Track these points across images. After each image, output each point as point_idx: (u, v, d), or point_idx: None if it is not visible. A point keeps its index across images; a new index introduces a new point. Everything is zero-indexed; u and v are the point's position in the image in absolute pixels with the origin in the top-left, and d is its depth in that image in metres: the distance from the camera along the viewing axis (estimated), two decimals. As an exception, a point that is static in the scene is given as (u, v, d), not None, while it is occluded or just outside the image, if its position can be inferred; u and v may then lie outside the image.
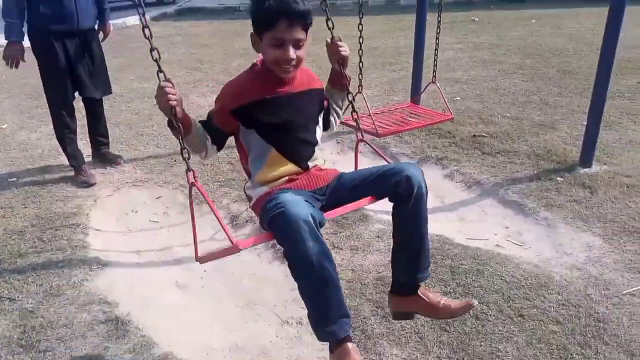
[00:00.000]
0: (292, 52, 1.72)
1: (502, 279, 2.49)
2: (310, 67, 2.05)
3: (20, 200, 3.47)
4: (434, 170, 3.77)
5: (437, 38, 3.47)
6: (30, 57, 3.59)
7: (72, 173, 3.80)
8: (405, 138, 4.19)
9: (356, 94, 3.22)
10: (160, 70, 1.61)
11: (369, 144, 2.10)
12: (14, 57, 3.47)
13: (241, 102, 1.77)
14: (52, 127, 4.46)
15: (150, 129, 4.64)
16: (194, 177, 1.65)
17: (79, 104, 3.88)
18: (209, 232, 3.21)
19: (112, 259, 2.91)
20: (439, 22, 3.42)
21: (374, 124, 3.09)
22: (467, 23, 8.98)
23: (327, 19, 1.96)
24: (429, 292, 1.88)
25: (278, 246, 2.30)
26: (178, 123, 1.61)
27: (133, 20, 9.57)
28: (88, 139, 4.11)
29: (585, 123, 4.29)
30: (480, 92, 5.30)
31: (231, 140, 1.87)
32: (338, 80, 2.00)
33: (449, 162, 3.79)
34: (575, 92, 5.20)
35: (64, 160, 4.01)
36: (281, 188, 1.80)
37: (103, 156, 4.01)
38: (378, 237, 2.90)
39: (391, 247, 1.93)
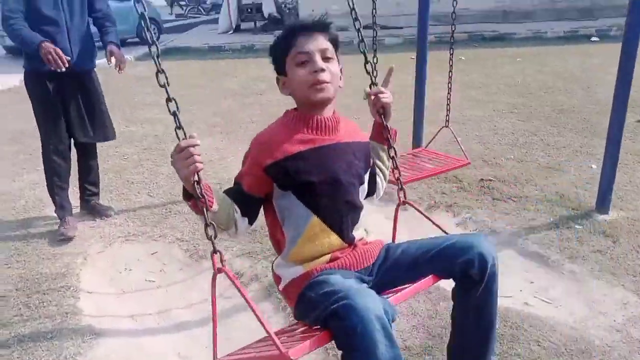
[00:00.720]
0: (320, 62, 1.52)
1: (539, 345, 2.30)
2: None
3: (2, 259, 3.19)
4: (444, 217, 3.59)
5: (449, 78, 3.38)
6: (7, 100, 3.36)
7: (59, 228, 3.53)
8: (410, 183, 4.03)
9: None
10: (179, 127, 1.31)
11: (414, 207, 1.83)
12: (52, 50, 3.08)
13: (276, 157, 1.48)
14: (35, 175, 4.19)
15: (140, 176, 4.41)
16: (222, 262, 1.35)
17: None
18: (209, 291, 2.98)
19: (106, 327, 2.63)
20: (452, 59, 3.36)
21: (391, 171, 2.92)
22: (456, 62, 9.03)
23: (366, 62, 1.71)
24: None
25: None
26: (203, 192, 1.33)
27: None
28: (76, 187, 3.86)
29: (592, 165, 4.25)
30: (479, 133, 5.22)
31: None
32: (379, 133, 1.74)
33: (459, 209, 3.63)
34: (574, 131, 5.15)
35: (49, 212, 3.75)
36: (323, 269, 1.48)
37: (92, 208, 3.74)
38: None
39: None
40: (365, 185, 1.69)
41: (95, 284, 3.01)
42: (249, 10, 13.83)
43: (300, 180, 1.50)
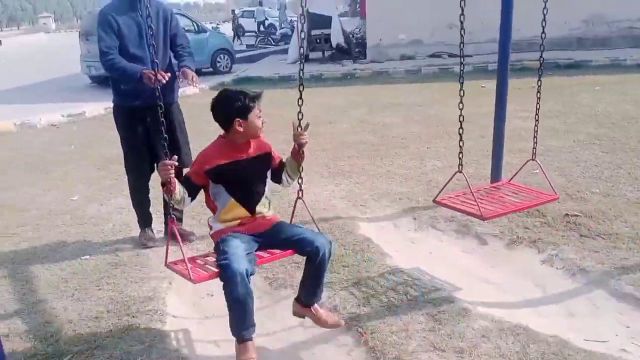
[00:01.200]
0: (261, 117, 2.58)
1: (644, 397, 2.14)
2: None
3: (94, 280, 3.35)
4: (528, 254, 3.46)
5: (537, 109, 3.31)
6: (94, 127, 3.62)
7: (145, 251, 3.70)
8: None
9: (455, 174, 3.06)
10: (166, 153, 2.50)
11: (305, 206, 2.66)
12: (153, 74, 3.21)
13: (212, 165, 2.51)
14: (121, 200, 4.46)
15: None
16: (174, 224, 2.57)
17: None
18: (287, 320, 3.00)
19: (192, 353, 2.71)
20: (539, 90, 3.29)
21: (477, 205, 2.86)
22: (527, 90, 8.77)
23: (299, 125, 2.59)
24: (318, 308, 2.69)
25: None
26: (171, 187, 2.38)
27: (190, 90, 9.82)
28: (160, 213, 4.04)
29: (688, 202, 3.98)
30: (560, 165, 5.02)
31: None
32: (295, 156, 2.63)
33: (545, 246, 3.48)
34: (664, 164, 4.86)
35: (136, 235, 3.93)
36: (234, 229, 2.54)
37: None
38: (484, 336, 2.60)
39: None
40: (268, 179, 2.69)
41: (180, 308, 3.11)
42: (318, 40, 14.14)
43: (225, 180, 2.53)
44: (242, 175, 2.55)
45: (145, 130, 3.65)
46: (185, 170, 2.77)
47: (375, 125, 7.11)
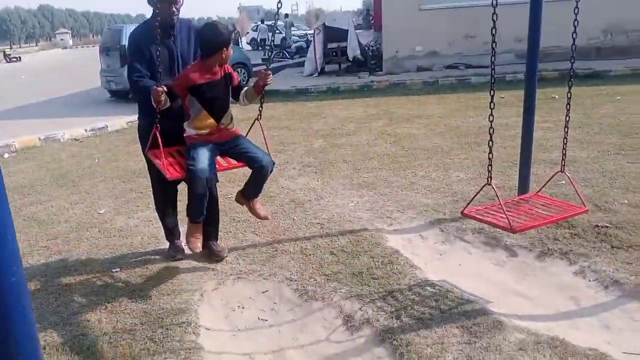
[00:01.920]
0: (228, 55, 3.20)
1: (690, 411, 2.10)
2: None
3: (126, 293, 3.39)
4: (560, 266, 3.44)
5: (566, 121, 3.29)
6: (117, 140, 3.68)
7: (175, 264, 3.73)
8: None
9: (484, 186, 3.05)
10: (159, 84, 3.11)
11: (261, 128, 3.42)
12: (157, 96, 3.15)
13: (193, 83, 3.14)
14: (148, 212, 4.50)
15: (244, 214, 4.54)
16: (157, 128, 3.15)
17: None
18: (319, 333, 3.00)
19: (227, 365, 2.72)
20: (569, 102, 3.27)
21: (506, 218, 2.85)
22: (548, 101, 8.77)
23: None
24: (255, 202, 3.49)
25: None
26: (161, 105, 3.11)
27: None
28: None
29: None
30: (586, 176, 4.98)
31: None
32: (259, 89, 3.32)
33: (576, 257, 3.45)
34: (692, 175, 4.79)
35: (164, 247, 3.98)
36: (202, 137, 3.23)
37: (210, 248, 3.82)
38: (521, 349, 2.57)
39: None
40: (229, 96, 3.35)
41: (213, 320, 3.13)
42: (334, 53, 14.21)
43: (201, 95, 3.18)
44: (214, 93, 3.21)
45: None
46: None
47: (396, 137, 7.11)
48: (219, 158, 3.35)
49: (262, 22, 31.64)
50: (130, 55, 3.43)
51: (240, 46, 24.24)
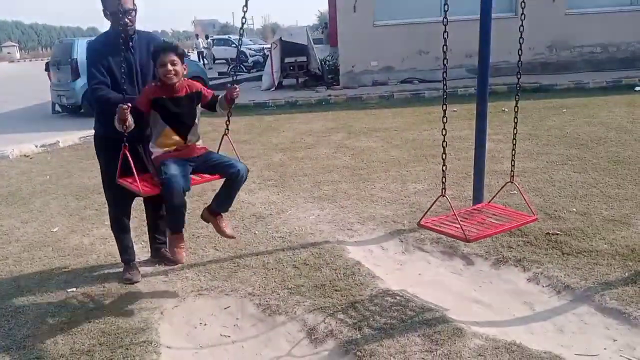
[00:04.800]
0: (169, 67, 3.12)
1: (638, 408, 2.22)
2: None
3: (83, 314, 3.29)
4: (514, 273, 3.56)
5: (514, 133, 3.43)
6: (69, 156, 3.60)
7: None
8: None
9: (438, 197, 3.14)
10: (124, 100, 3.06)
11: (229, 140, 3.41)
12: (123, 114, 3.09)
13: (155, 96, 3.16)
14: (104, 230, 4.40)
15: (205, 230, 4.52)
16: (125, 147, 3.09)
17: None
18: (283, 347, 3.00)
19: (189, 383, 2.68)
20: (517, 115, 3.41)
21: (461, 228, 2.94)
22: (498, 114, 9.09)
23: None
24: (222, 219, 3.42)
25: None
26: (127, 124, 3.03)
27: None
28: (145, 241, 4.01)
29: (660, 218, 4.16)
30: (536, 185, 5.19)
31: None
32: (227, 102, 3.28)
33: (529, 264, 3.59)
34: (633, 183, 5.07)
35: (122, 266, 3.88)
36: (171, 154, 3.20)
37: (162, 256, 3.91)
38: (480, 355, 2.65)
39: None
40: (198, 113, 3.33)
41: (174, 339, 3.08)
42: (292, 67, 14.32)
43: (162, 109, 3.18)
44: (178, 109, 3.20)
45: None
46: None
47: (355, 150, 7.22)
48: (192, 175, 3.25)
49: (207, 37, 32.42)
50: (89, 63, 3.42)
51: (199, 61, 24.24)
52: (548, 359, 2.58)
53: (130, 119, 3.00)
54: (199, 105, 3.34)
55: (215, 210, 3.39)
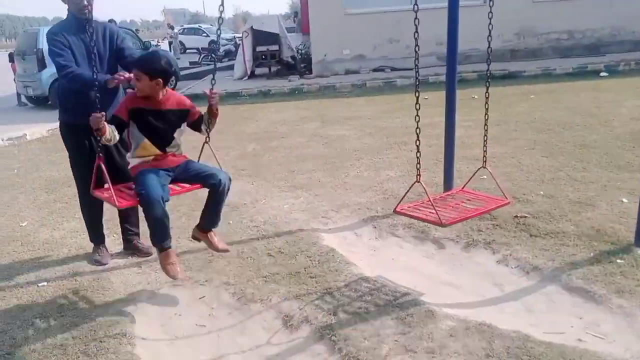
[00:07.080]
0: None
1: (602, 381, 2.31)
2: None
3: (55, 307, 3.25)
4: (485, 255, 3.64)
5: (486, 119, 3.49)
6: (37, 149, 3.56)
7: (106, 274, 3.61)
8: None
9: (413, 184, 3.18)
10: (98, 107, 2.86)
11: (211, 149, 3.30)
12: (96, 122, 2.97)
13: (134, 106, 3.05)
14: (74, 223, 4.34)
15: (178, 221, 4.49)
16: (100, 158, 2.97)
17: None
18: (259, 335, 3.02)
19: (166, 374, 2.68)
20: (487, 101, 3.47)
21: (436, 213, 2.99)
22: (468, 100, 9.19)
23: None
24: (214, 235, 3.31)
25: None
26: (102, 132, 2.83)
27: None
28: (117, 234, 3.98)
29: (622, 199, 4.30)
30: (505, 170, 5.29)
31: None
32: (211, 111, 3.20)
33: (499, 247, 3.68)
34: (599, 166, 5.22)
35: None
36: (149, 164, 3.08)
37: (135, 247, 3.92)
38: (452, 335, 2.72)
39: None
40: (183, 128, 3.25)
41: (149, 330, 3.06)
42: (264, 57, 14.21)
43: (140, 120, 3.06)
44: (158, 122, 3.09)
45: (93, 147, 3.55)
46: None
47: (328, 138, 7.24)
48: (171, 185, 3.12)
49: (172, 27, 31.16)
50: (52, 49, 3.44)
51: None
52: (517, 338, 2.66)
53: (109, 129, 2.83)
54: (184, 124, 3.23)
55: (206, 229, 3.29)
